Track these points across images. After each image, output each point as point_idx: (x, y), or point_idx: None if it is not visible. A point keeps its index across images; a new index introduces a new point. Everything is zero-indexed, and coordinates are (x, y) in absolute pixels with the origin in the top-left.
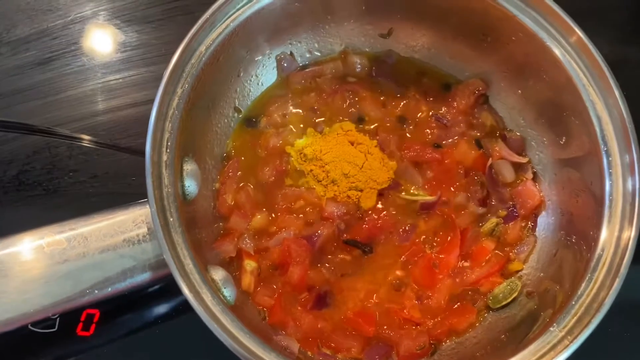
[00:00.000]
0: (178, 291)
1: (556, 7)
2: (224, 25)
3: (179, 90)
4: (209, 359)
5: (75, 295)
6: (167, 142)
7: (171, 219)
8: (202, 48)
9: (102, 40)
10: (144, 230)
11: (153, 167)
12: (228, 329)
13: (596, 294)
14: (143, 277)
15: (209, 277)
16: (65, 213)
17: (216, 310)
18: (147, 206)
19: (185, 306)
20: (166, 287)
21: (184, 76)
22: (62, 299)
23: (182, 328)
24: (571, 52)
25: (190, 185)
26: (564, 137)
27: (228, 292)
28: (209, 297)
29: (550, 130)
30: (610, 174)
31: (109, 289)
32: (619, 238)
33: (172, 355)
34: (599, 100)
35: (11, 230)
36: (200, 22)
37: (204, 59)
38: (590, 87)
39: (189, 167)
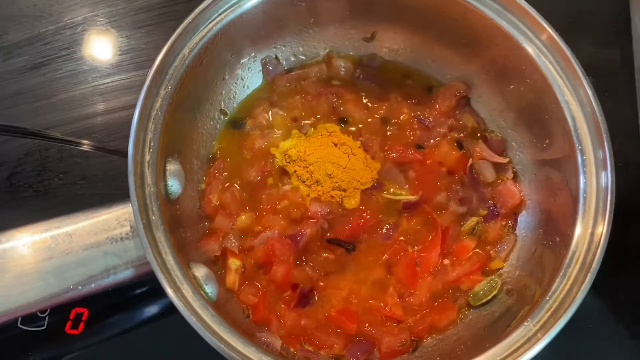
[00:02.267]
0: None
1: (527, 7)
2: (206, 29)
3: (162, 92)
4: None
5: (60, 291)
6: (150, 143)
7: (153, 217)
8: (185, 51)
9: (92, 46)
10: (127, 228)
11: (135, 166)
12: (208, 323)
13: (569, 289)
14: (126, 274)
15: (190, 274)
16: (55, 214)
17: (196, 305)
18: (130, 205)
19: (174, 306)
20: (155, 288)
21: (167, 78)
22: (47, 295)
23: (170, 328)
24: (545, 51)
25: (174, 185)
26: (542, 138)
27: (210, 289)
28: (189, 293)
29: (530, 131)
30: (584, 172)
31: (93, 285)
32: (592, 234)
33: (160, 355)
34: (573, 100)
35: (1, 231)
36: (182, 25)
37: (187, 61)
38: (565, 87)
39: (172, 167)
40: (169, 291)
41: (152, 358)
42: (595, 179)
